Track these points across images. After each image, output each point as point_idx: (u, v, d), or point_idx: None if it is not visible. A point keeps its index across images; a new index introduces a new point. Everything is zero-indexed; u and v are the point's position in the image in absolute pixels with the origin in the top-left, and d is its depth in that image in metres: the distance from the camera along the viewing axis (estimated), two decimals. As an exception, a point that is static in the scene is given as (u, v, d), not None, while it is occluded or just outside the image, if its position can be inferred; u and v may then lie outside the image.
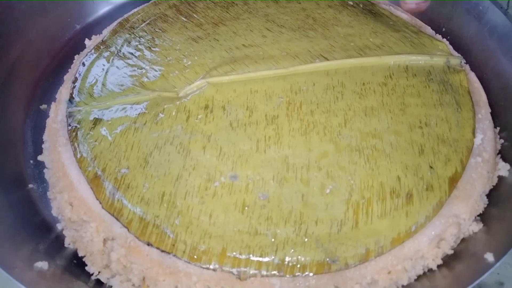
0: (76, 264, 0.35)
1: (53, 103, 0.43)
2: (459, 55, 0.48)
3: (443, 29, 0.52)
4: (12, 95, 0.46)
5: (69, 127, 0.39)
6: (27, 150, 0.44)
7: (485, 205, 0.37)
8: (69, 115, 0.40)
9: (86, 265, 0.34)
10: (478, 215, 0.37)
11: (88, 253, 0.34)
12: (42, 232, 0.38)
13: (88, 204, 0.34)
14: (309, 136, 0.37)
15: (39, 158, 0.41)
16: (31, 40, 0.51)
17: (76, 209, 0.35)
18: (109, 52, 0.45)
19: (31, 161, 0.43)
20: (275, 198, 0.33)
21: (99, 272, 0.34)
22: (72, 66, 0.47)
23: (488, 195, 0.38)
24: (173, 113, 0.39)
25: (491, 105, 0.45)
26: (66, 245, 0.36)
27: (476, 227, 0.36)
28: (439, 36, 0.50)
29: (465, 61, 0.48)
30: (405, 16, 0.51)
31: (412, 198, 0.34)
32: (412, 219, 0.33)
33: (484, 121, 0.41)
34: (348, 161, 0.35)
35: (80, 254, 0.35)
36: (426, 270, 0.34)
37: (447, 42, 0.49)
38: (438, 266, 0.34)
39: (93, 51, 0.46)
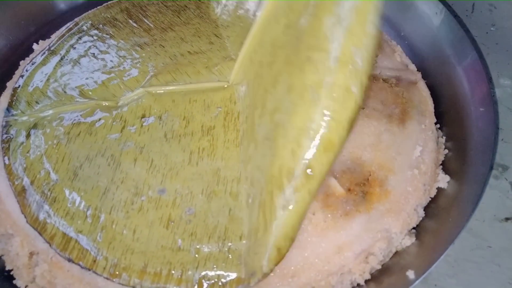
0: (6, 278, 0.35)
1: (-7, 111, 0.43)
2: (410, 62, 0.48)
3: (402, 34, 0.51)
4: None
5: (2, 137, 0.38)
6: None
7: (421, 218, 0.37)
8: (5, 125, 0.39)
9: (14, 278, 0.34)
10: (413, 228, 0.37)
11: (15, 267, 0.34)
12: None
13: (14, 218, 0.34)
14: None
15: (-23, 167, 0.41)
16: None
17: (2, 222, 0.35)
18: (53, 58, 0.45)
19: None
20: (202, 213, 0.33)
21: (26, 286, 0.34)
22: (16, 72, 0.46)
23: (427, 207, 0.38)
24: (109, 123, 0.38)
25: (441, 114, 0.44)
26: (-5, 257, 0.36)
27: (409, 241, 0.35)
28: (393, 43, 0.50)
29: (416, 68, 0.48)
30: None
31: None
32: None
33: (427, 132, 0.41)
34: None
35: (7, 268, 0.34)
36: (354, 285, 0.34)
37: (400, 48, 0.49)
38: (367, 281, 0.34)
39: (38, 56, 0.45)
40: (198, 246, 0.32)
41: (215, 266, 0.31)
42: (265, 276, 0.30)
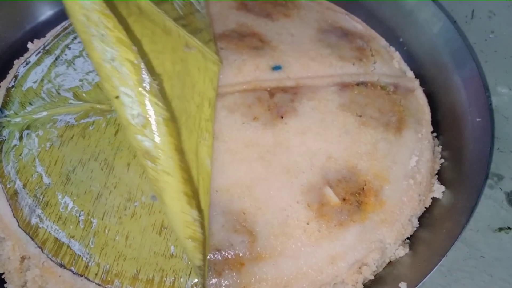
0: (-4, 281, 0.35)
1: (-14, 111, 0.42)
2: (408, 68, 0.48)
3: (401, 39, 0.51)
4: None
5: (-5, 139, 0.38)
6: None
7: (415, 228, 0.37)
8: (-3, 126, 0.39)
9: (6, 282, 0.34)
10: (407, 238, 0.37)
11: (6, 270, 0.34)
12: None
13: (5, 221, 0.34)
14: (239, 154, 0.36)
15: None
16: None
17: (-6, 225, 0.34)
18: (48, 58, 0.44)
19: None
20: None
21: (16, 290, 0.33)
22: (10, 71, 0.46)
23: (421, 217, 0.38)
24: (102, 127, 0.38)
25: (437, 122, 0.44)
26: (-15, 261, 0.35)
27: (402, 251, 0.35)
28: (392, 48, 0.50)
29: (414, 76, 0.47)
30: (359, 26, 0.50)
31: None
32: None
33: (423, 141, 0.40)
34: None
35: (-2, 272, 0.34)
36: (347, 295, 0.34)
37: (398, 54, 0.49)
38: (359, 291, 0.34)
39: (32, 56, 0.45)
40: (191, 254, 0.32)
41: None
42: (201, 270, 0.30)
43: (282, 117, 0.39)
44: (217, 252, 0.32)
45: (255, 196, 0.34)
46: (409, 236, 0.37)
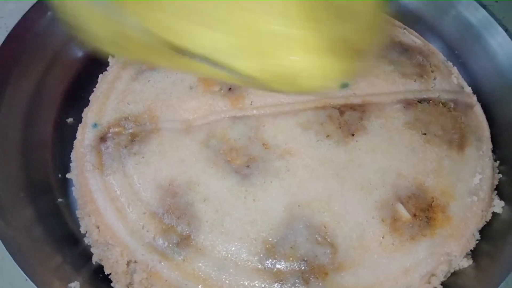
0: (103, 279, 0.39)
1: (80, 124, 0.46)
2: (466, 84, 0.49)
3: (456, 52, 0.52)
4: (41, 109, 0.48)
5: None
6: (55, 163, 0.46)
7: (477, 241, 0.40)
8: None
9: (111, 281, 0.38)
10: (469, 250, 0.40)
11: (114, 272, 0.38)
12: (70, 245, 0.41)
13: (114, 230, 0.38)
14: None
15: (68, 176, 0.44)
16: (56, 53, 0.52)
17: (102, 232, 0.38)
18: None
19: (59, 175, 0.45)
20: None
21: (123, 289, 0.38)
22: (96, 86, 0.49)
23: (481, 230, 0.41)
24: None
25: (494, 136, 0.46)
26: (93, 261, 0.39)
27: (466, 263, 0.38)
28: (449, 64, 0.51)
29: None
30: (418, 41, 0.52)
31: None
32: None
33: (484, 158, 0.43)
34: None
35: (106, 272, 0.38)
36: (417, 302, 0.37)
37: (456, 70, 0.50)
38: (428, 299, 0.37)
39: (118, 70, 0.48)
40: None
41: None
42: None
43: (353, 135, 0.42)
44: (304, 262, 0.36)
45: (333, 211, 0.38)
46: (472, 248, 0.40)
